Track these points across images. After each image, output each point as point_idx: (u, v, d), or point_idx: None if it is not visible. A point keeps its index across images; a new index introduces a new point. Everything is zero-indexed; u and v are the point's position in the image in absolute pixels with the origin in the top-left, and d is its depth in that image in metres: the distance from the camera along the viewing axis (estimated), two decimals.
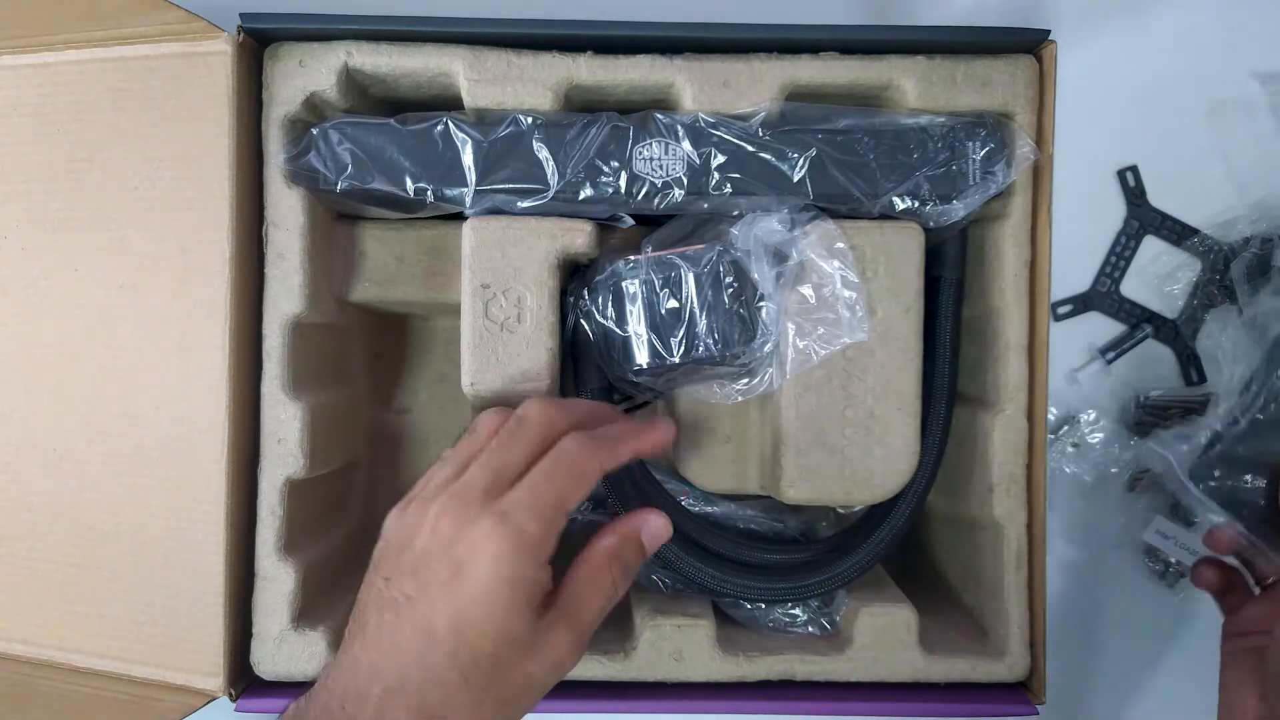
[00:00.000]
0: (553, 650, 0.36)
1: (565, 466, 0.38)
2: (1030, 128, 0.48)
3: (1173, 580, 0.62)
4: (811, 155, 0.47)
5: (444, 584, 0.35)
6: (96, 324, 0.48)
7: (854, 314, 0.47)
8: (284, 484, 0.48)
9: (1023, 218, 0.49)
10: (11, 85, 0.48)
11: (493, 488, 0.37)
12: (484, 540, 0.35)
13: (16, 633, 0.49)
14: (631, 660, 0.48)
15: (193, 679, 0.47)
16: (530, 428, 0.40)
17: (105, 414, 0.48)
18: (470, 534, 0.36)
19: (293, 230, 0.48)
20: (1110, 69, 0.61)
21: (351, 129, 0.47)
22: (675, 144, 0.47)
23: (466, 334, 0.47)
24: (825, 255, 0.47)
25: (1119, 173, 0.62)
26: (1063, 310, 0.63)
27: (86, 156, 0.47)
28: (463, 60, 0.47)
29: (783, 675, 0.49)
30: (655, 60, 0.47)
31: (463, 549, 0.36)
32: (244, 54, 0.46)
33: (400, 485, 0.62)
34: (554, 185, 0.47)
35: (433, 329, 0.62)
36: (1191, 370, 0.63)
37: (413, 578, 0.36)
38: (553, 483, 0.37)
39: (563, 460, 0.38)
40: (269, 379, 0.48)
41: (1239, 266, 0.61)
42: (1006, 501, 0.49)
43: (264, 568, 0.48)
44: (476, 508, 0.36)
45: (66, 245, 0.48)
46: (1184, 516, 0.62)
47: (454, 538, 0.36)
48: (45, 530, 0.48)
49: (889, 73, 0.47)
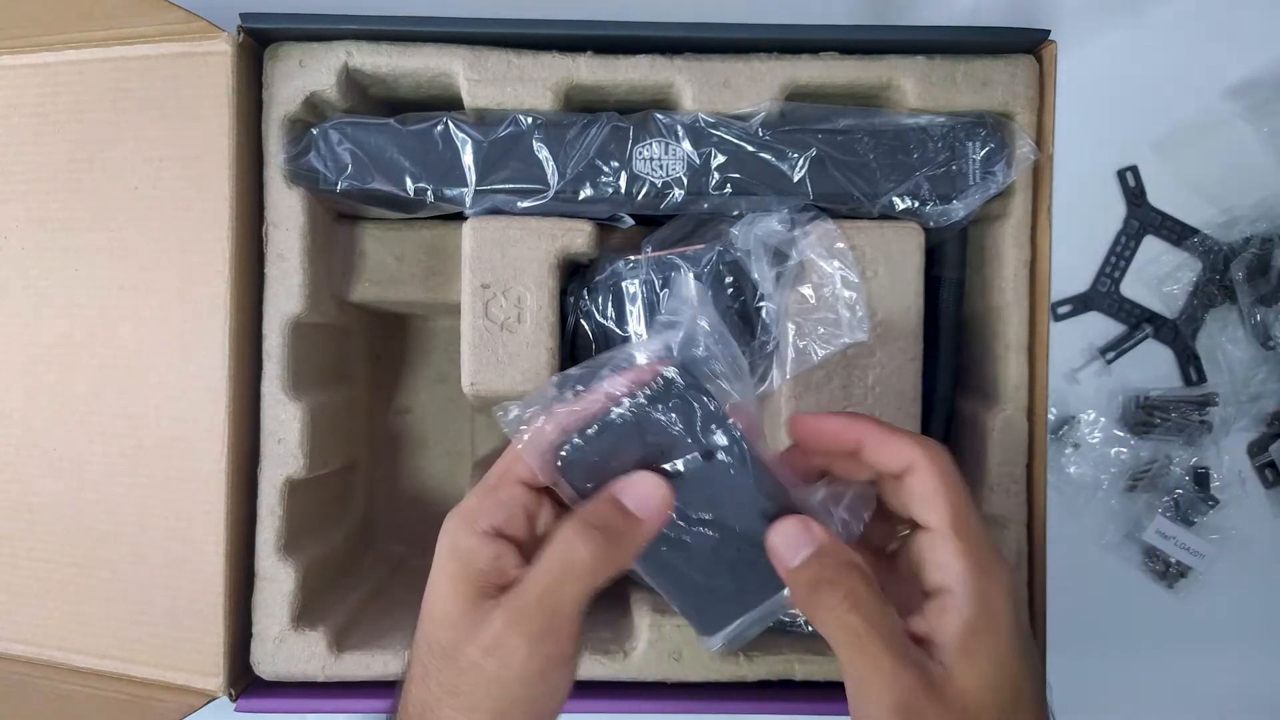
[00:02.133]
0: (489, 630, 0.32)
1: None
2: (1030, 128, 0.48)
3: (1173, 580, 0.62)
4: (811, 155, 0.47)
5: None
6: (96, 324, 0.48)
7: (854, 314, 0.47)
8: (284, 484, 0.48)
9: (1023, 218, 0.49)
10: (11, 85, 0.48)
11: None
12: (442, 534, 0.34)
13: (16, 633, 0.49)
14: (631, 660, 0.48)
15: (193, 679, 0.47)
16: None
17: (105, 414, 0.48)
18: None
19: (293, 230, 0.48)
20: (1110, 69, 0.61)
21: (351, 129, 0.47)
22: (675, 144, 0.47)
23: (466, 334, 0.47)
24: (825, 255, 0.47)
25: (1119, 173, 0.62)
26: (1063, 310, 0.63)
27: (86, 156, 0.47)
28: (463, 60, 0.47)
29: (782, 675, 0.49)
30: (655, 60, 0.47)
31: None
32: (244, 54, 0.46)
33: (400, 485, 0.62)
34: (554, 185, 0.47)
35: (433, 329, 0.62)
36: (1191, 370, 0.63)
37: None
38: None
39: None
40: (269, 379, 0.48)
41: (1239, 266, 0.61)
42: (1007, 501, 0.49)
43: (264, 568, 0.48)
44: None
45: (66, 245, 0.48)
46: (1184, 516, 0.62)
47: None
48: (45, 530, 0.48)
49: (889, 73, 0.47)
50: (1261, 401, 0.62)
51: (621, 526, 0.33)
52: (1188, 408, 0.61)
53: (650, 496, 0.34)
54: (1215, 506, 0.62)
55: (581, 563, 0.32)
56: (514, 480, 0.34)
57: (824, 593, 0.32)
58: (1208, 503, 0.62)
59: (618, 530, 0.33)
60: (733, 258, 0.46)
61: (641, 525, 0.33)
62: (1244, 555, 0.62)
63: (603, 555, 0.32)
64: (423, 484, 0.62)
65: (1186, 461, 0.62)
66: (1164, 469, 0.62)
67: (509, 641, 0.31)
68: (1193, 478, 0.62)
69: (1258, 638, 0.62)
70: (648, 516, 0.33)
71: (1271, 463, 0.62)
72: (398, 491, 0.62)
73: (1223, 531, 0.62)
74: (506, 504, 0.34)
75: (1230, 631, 0.62)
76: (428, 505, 0.62)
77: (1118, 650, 0.62)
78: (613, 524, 0.33)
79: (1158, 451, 0.62)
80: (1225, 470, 0.62)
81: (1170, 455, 0.62)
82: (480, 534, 0.33)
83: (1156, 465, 0.62)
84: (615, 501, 0.33)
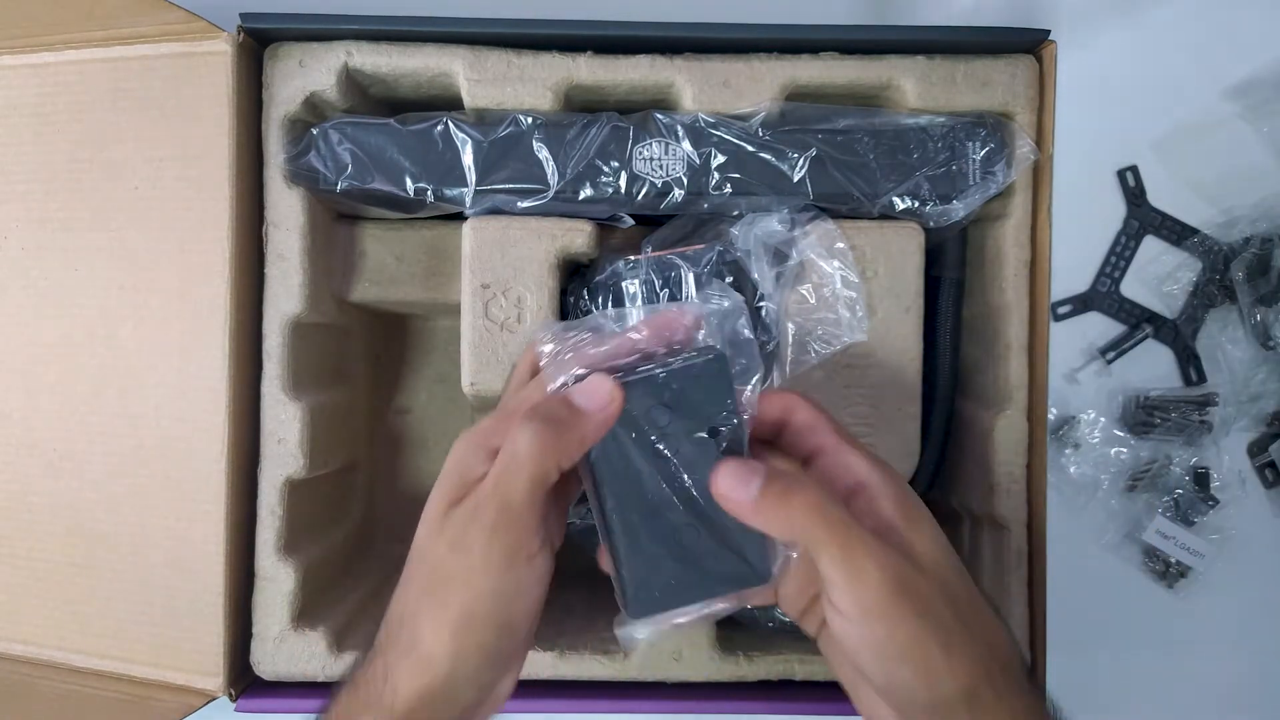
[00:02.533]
0: (452, 528, 0.34)
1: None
2: (1030, 128, 0.48)
3: (1173, 580, 0.62)
4: (811, 155, 0.47)
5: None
6: (96, 324, 0.48)
7: (854, 314, 0.47)
8: (284, 484, 0.48)
9: (1023, 218, 0.49)
10: (11, 85, 0.48)
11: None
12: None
13: (16, 633, 0.49)
14: (631, 660, 0.48)
15: (193, 679, 0.47)
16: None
17: (105, 414, 0.48)
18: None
19: (293, 230, 0.48)
20: (1110, 69, 0.61)
21: (351, 129, 0.47)
22: (675, 144, 0.47)
23: (466, 334, 0.47)
24: (825, 255, 0.47)
25: (1119, 173, 0.62)
26: (1063, 310, 0.63)
27: (86, 156, 0.47)
28: (463, 60, 0.47)
29: (782, 675, 0.49)
30: (655, 60, 0.47)
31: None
32: (244, 54, 0.46)
33: (400, 485, 0.62)
34: (554, 185, 0.47)
35: (433, 329, 0.62)
36: (1191, 370, 0.63)
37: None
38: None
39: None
40: (269, 379, 0.48)
41: (1239, 266, 0.61)
42: (1007, 501, 0.49)
43: (264, 568, 0.48)
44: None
45: (66, 245, 0.48)
46: (1184, 516, 0.62)
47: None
48: (45, 530, 0.48)
49: (889, 73, 0.47)
50: (1261, 401, 0.62)
51: (565, 417, 0.34)
52: (1188, 408, 0.61)
53: (597, 392, 0.34)
54: (1215, 506, 0.62)
55: (525, 451, 0.33)
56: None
57: (797, 498, 0.33)
58: (1208, 503, 0.62)
59: (561, 420, 0.34)
60: (733, 258, 0.46)
61: (585, 418, 0.34)
62: (1244, 555, 0.62)
63: (545, 444, 0.33)
64: (423, 484, 0.62)
65: (1186, 461, 0.62)
66: (1164, 469, 0.62)
67: (468, 534, 0.33)
68: (1193, 478, 0.62)
69: (1258, 638, 0.62)
70: (591, 409, 0.34)
71: (1271, 463, 0.62)
72: (398, 491, 0.62)
73: (1223, 531, 0.62)
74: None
75: (1230, 631, 0.62)
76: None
77: (1118, 650, 0.62)
78: (556, 414, 0.34)
79: (1158, 451, 0.62)
80: (1225, 470, 0.62)
81: (1170, 455, 0.62)
82: (485, 451, 0.35)
83: (1156, 465, 0.62)
84: (562, 396, 0.34)
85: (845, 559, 0.33)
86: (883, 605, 0.32)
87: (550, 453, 0.33)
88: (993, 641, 0.34)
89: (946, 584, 0.34)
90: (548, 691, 0.48)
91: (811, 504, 0.33)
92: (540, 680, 0.48)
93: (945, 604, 0.33)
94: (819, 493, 0.34)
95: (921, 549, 0.34)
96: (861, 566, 0.32)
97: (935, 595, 0.33)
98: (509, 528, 0.33)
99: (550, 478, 0.34)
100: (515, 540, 0.33)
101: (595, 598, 0.55)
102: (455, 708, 0.35)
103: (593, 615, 0.53)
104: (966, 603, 0.34)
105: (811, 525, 0.33)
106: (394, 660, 0.34)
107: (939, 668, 0.32)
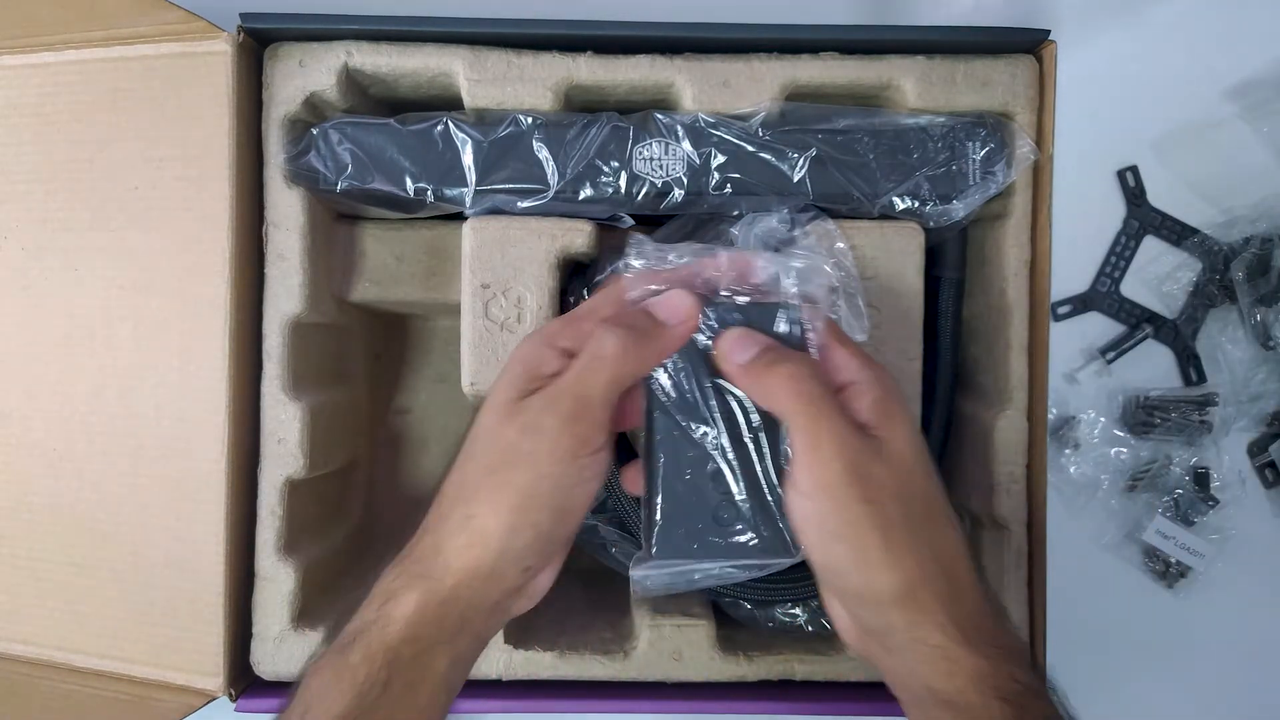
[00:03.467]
0: (528, 412, 0.36)
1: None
2: (1030, 128, 0.48)
3: (1173, 580, 0.62)
4: (811, 155, 0.47)
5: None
6: (97, 324, 0.48)
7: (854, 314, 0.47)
8: (284, 484, 0.48)
9: (1023, 218, 0.49)
10: (11, 85, 0.48)
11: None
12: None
13: (16, 633, 0.49)
14: (631, 660, 0.48)
15: (193, 679, 0.47)
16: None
17: (105, 414, 0.48)
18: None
19: (293, 230, 0.48)
20: (1110, 69, 0.61)
21: (351, 129, 0.47)
22: (675, 144, 0.47)
23: (466, 334, 0.47)
24: (825, 255, 0.47)
25: (1119, 173, 0.62)
26: (1063, 310, 0.63)
27: (86, 156, 0.47)
28: (463, 60, 0.47)
29: (782, 675, 0.49)
30: (655, 60, 0.47)
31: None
32: (244, 54, 0.46)
33: (400, 485, 0.62)
34: (554, 185, 0.47)
35: (433, 329, 0.62)
36: (1191, 370, 0.63)
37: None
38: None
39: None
40: (269, 379, 0.48)
41: (1239, 266, 0.61)
42: (1007, 501, 0.49)
43: (264, 568, 0.48)
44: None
45: (66, 245, 0.48)
46: (1184, 516, 0.62)
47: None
48: (45, 530, 0.48)
49: (889, 73, 0.47)
50: (1261, 401, 0.62)
51: (648, 327, 0.37)
52: (1188, 408, 0.61)
53: (679, 306, 0.37)
54: (1215, 506, 0.62)
55: (609, 352, 0.36)
56: (598, 318, 0.38)
57: (779, 369, 0.36)
58: (1208, 503, 0.62)
59: (644, 330, 0.37)
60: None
61: (666, 330, 0.37)
62: (1244, 555, 0.62)
63: (628, 349, 0.36)
64: (423, 484, 0.62)
65: (1186, 461, 0.62)
66: (1164, 469, 0.62)
67: (542, 420, 0.35)
68: (1193, 478, 0.62)
69: (1258, 638, 0.62)
70: (673, 321, 0.37)
71: (1271, 463, 0.62)
72: (398, 491, 0.62)
73: (1223, 531, 0.62)
74: (587, 335, 0.37)
75: (1230, 631, 0.62)
76: (428, 505, 0.62)
77: (1118, 650, 0.62)
78: (639, 324, 0.37)
79: (1158, 451, 0.62)
80: (1225, 470, 0.62)
81: (1170, 455, 0.62)
82: (553, 349, 0.37)
83: (1156, 465, 0.62)
84: (643, 309, 0.38)
85: (809, 432, 0.35)
86: (832, 484, 0.34)
87: (631, 358, 0.36)
88: (940, 551, 0.35)
89: (905, 484, 0.35)
90: (548, 691, 0.48)
91: (792, 375, 0.35)
92: (540, 680, 0.48)
93: (896, 500, 0.35)
94: (804, 369, 0.36)
95: (891, 447, 0.35)
96: (821, 442, 0.34)
97: (888, 488, 0.34)
98: (582, 418, 0.35)
99: (626, 382, 0.36)
100: (586, 431, 0.35)
101: (595, 598, 0.55)
102: (500, 587, 0.36)
103: (593, 615, 0.53)
104: (922, 507, 0.36)
105: (787, 396, 0.35)
106: (445, 537, 0.36)
107: (875, 557, 0.34)
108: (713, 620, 0.49)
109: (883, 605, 0.35)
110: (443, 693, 0.36)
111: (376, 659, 0.35)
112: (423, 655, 0.35)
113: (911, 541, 0.34)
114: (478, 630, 0.37)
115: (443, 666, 0.36)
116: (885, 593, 0.34)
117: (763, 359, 0.36)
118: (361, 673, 0.34)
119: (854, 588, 0.35)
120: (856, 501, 0.34)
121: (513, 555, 0.36)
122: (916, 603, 0.34)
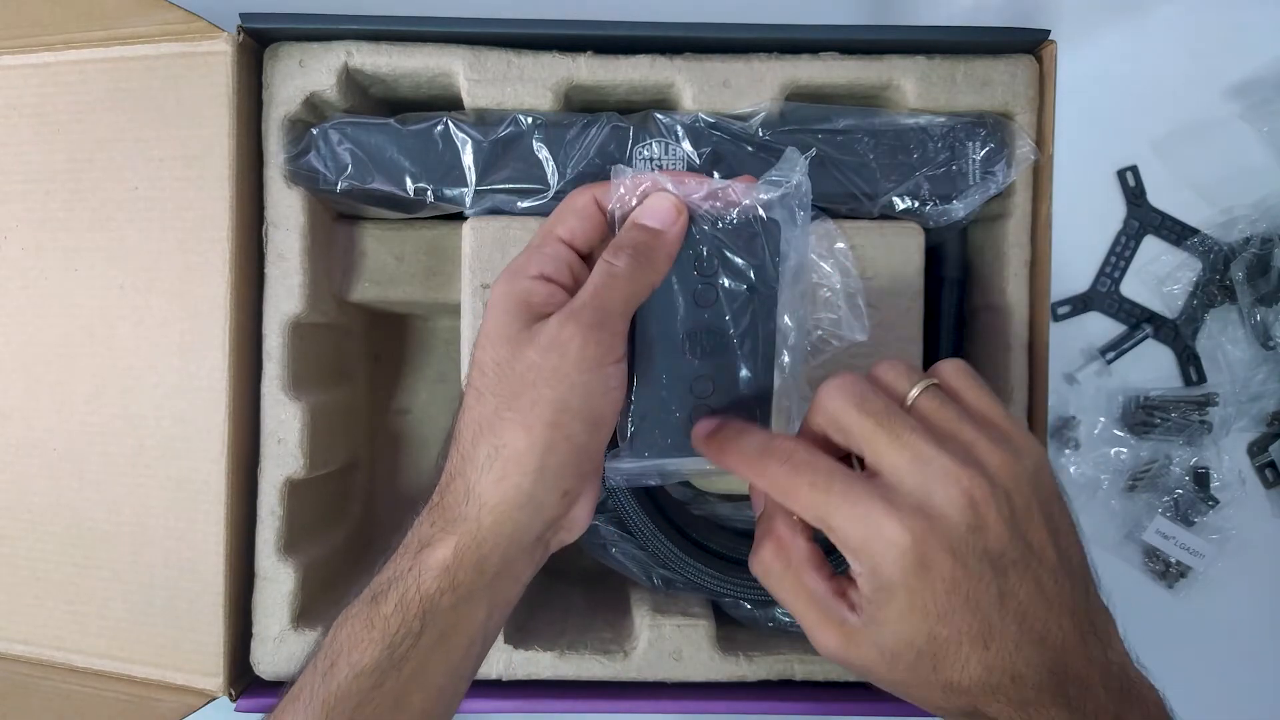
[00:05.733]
0: (547, 332, 0.35)
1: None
2: (1030, 128, 0.48)
3: (1173, 580, 0.62)
4: (811, 155, 0.47)
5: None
6: (96, 324, 0.48)
7: (854, 314, 0.47)
8: (284, 484, 0.48)
9: (1023, 218, 0.49)
10: (11, 85, 0.48)
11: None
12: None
13: (16, 633, 0.49)
14: (631, 660, 0.48)
15: (193, 679, 0.47)
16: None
17: (105, 414, 0.48)
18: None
19: (293, 230, 0.48)
20: (1110, 69, 0.61)
21: (351, 129, 0.47)
22: (675, 144, 0.47)
23: (466, 334, 0.47)
24: (825, 255, 0.47)
25: (1119, 173, 0.62)
26: (1063, 310, 0.63)
27: (86, 156, 0.47)
28: (463, 60, 0.47)
29: (782, 675, 0.49)
30: (655, 60, 0.47)
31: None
32: (244, 54, 0.46)
33: (400, 485, 0.63)
34: (554, 185, 0.47)
35: (433, 329, 0.62)
36: (1191, 370, 0.63)
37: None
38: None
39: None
40: (269, 379, 0.48)
41: (1239, 266, 0.61)
42: None
43: (264, 568, 0.48)
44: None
45: (66, 245, 0.48)
46: (1184, 516, 0.62)
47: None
48: (45, 530, 0.48)
49: (889, 73, 0.47)
50: (1261, 401, 0.62)
51: (648, 240, 0.37)
52: (1188, 408, 0.61)
53: (663, 209, 0.38)
54: (1215, 506, 0.62)
55: (622, 271, 0.36)
56: (555, 238, 0.38)
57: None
58: (1208, 503, 0.62)
59: (646, 244, 0.37)
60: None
61: (663, 235, 0.38)
62: (1244, 555, 0.62)
63: (639, 266, 0.37)
64: (423, 484, 0.62)
65: (1186, 461, 0.62)
66: (1164, 469, 0.62)
67: (565, 333, 0.35)
68: (1193, 478, 0.62)
69: (1258, 638, 0.62)
70: (665, 225, 0.38)
71: (1271, 463, 0.62)
72: (398, 491, 0.62)
73: (1223, 531, 0.62)
74: (552, 257, 0.37)
75: (1230, 631, 0.62)
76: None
77: None
78: (639, 240, 0.37)
79: (1158, 451, 0.62)
80: (1225, 470, 0.62)
81: (1170, 455, 0.62)
82: (531, 277, 0.37)
83: (1156, 465, 0.62)
84: (637, 224, 0.38)
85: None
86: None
87: (644, 272, 0.37)
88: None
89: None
90: (548, 691, 0.48)
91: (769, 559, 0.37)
92: (540, 680, 0.48)
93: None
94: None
95: (876, 633, 0.35)
96: (810, 627, 0.37)
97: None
98: (605, 326, 0.36)
99: (642, 296, 0.37)
100: (609, 340, 0.36)
101: (595, 598, 0.55)
102: (540, 517, 0.36)
103: (593, 615, 0.53)
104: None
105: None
106: (474, 476, 0.35)
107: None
108: (712, 620, 0.49)
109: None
110: (479, 643, 0.36)
111: (411, 607, 0.34)
112: (461, 605, 0.35)
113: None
114: (518, 572, 0.37)
115: (480, 615, 0.35)
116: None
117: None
118: (394, 623, 0.34)
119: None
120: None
121: (550, 476, 0.35)
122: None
